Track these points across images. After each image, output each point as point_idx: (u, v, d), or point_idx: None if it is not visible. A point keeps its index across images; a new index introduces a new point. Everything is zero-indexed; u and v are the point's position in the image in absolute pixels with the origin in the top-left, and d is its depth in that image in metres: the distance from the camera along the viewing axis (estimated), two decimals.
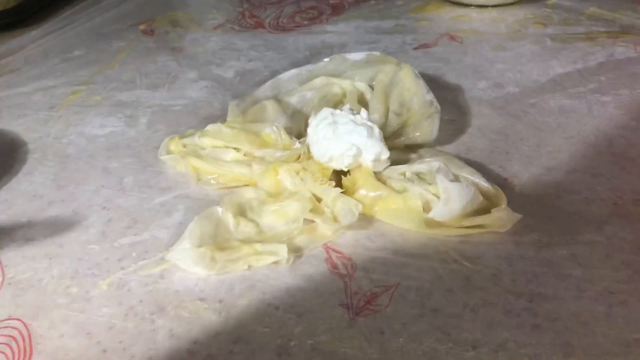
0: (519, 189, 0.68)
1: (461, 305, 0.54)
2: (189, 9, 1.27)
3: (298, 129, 0.78)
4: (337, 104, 0.83)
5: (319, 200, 0.66)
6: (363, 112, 0.69)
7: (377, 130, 0.68)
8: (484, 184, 0.65)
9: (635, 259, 0.58)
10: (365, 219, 0.65)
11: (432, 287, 0.56)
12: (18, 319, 0.55)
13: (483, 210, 0.63)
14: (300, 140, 0.73)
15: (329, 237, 0.62)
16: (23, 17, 1.22)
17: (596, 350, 0.49)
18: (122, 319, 0.55)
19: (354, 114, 0.69)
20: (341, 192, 0.66)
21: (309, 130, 0.70)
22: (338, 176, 0.69)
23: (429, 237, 0.62)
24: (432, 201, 0.63)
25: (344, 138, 0.67)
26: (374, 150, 0.67)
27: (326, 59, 0.86)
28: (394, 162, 0.70)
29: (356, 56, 0.86)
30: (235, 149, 0.73)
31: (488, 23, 1.10)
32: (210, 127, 0.74)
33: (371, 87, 0.84)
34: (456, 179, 0.65)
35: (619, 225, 0.62)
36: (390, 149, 0.72)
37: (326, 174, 0.68)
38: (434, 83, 0.91)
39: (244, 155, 0.73)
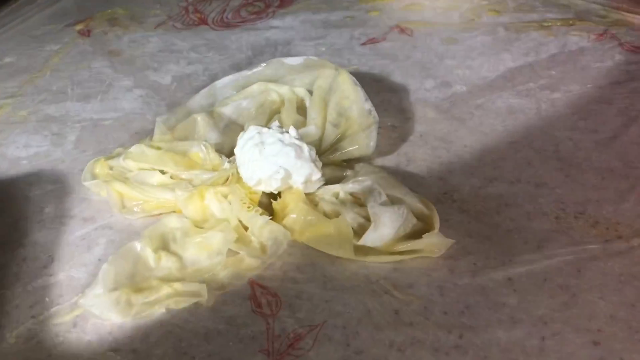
0: (458, 205, 0.65)
1: (388, 344, 0.51)
2: (130, 3, 1.20)
3: (231, 144, 0.73)
4: (274, 112, 0.79)
5: (246, 228, 0.62)
6: (292, 130, 0.65)
7: (306, 150, 0.64)
8: (417, 204, 0.62)
9: (572, 282, 0.55)
10: (296, 246, 0.61)
11: (359, 324, 0.53)
12: None
13: (418, 233, 0.60)
14: (230, 159, 0.69)
15: (256, 270, 0.59)
16: None
17: None
18: None
19: (281, 133, 0.65)
20: (270, 219, 0.62)
21: (235, 150, 0.66)
22: (270, 198, 0.66)
23: (361, 264, 0.59)
24: (365, 225, 0.60)
25: (271, 160, 0.63)
26: (303, 172, 0.63)
27: (263, 64, 0.82)
28: (329, 179, 0.67)
29: (294, 60, 0.81)
30: (161, 171, 0.69)
31: (441, 12, 1.06)
32: (134, 149, 0.70)
33: (310, 92, 0.79)
34: (390, 199, 0.62)
35: (559, 242, 0.59)
36: (325, 164, 0.68)
37: (254, 198, 0.64)
38: (379, 84, 0.87)
39: (171, 177, 0.69)
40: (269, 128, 0.66)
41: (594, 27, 0.95)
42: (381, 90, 0.85)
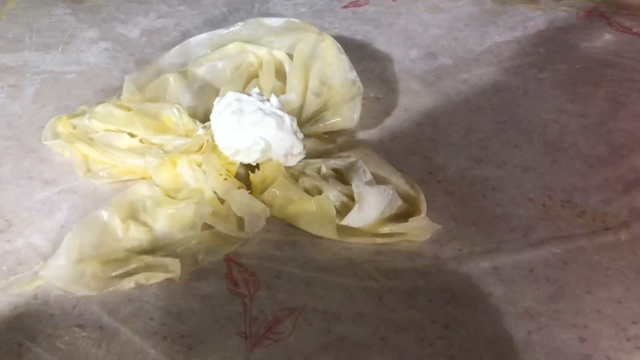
0: (444, 186, 0.62)
1: (371, 331, 0.49)
2: None
3: (206, 107, 0.69)
4: (251, 76, 0.74)
5: (222, 201, 0.58)
6: (273, 98, 0.61)
7: (288, 121, 0.60)
8: (404, 185, 0.59)
9: (559, 275, 0.54)
10: (275, 222, 0.58)
11: (341, 309, 0.51)
12: None
13: (402, 214, 0.58)
14: (205, 124, 0.64)
15: (232, 247, 0.55)
16: None
17: None
18: None
19: (262, 101, 0.60)
20: (248, 192, 0.58)
21: (212, 117, 0.61)
22: (247, 170, 0.62)
23: (343, 245, 0.56)
24: (348, 204, 0.57)
25: (250, 129, 0.59)
26: (284, 144, 0.59)
27: (240, 23, 0.76)
28: (310, 152, 0.63)
29: (274, 22, 0.76)
30: (130, 133, 0.64)
31: None
32: (100, 109, 0.65)
33: (290, 55, 0.75)
34: (375, 178, 0.59)
35: (546, 231, 0.58)
36: (306, 136, 0.65)
37: (231, 169, 0.61)
38: (362, 51, 0.83)
39: (140, 141, 0.64)
40: (249, 95, 0.61)
41: (583, 3, 0.93)
42: (364, 58, 0.81)
